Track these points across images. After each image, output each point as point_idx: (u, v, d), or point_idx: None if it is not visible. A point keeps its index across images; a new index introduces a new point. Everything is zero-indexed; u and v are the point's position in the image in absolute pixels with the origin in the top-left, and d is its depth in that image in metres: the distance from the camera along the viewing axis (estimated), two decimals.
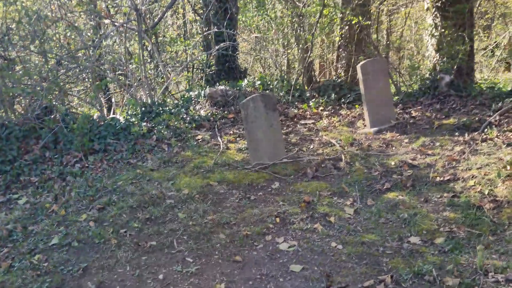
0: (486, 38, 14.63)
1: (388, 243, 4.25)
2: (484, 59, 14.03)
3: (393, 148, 6.46)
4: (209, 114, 8.14)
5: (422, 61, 11.22)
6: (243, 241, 4.50)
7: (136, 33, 8.93)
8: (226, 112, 8.23)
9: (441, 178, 5.28)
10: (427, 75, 8.49)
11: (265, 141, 6.19)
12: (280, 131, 6.35)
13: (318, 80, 10.72)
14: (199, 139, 7.47)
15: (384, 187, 5.30)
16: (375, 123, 7.17)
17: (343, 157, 6.18)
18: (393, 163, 5.88)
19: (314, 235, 4.53)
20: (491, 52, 13.73)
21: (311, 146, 6.80)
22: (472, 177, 5.14)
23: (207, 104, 8.41)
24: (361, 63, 7.17)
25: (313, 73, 14.41)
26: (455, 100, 7.84)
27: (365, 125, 7.45)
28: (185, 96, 8.73)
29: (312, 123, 7.91)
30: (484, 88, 8.28)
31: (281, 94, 8.80)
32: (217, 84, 9.12)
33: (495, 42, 13.73)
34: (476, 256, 3.86)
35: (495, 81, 9.95)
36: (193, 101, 8.61)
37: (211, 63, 9.73)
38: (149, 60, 9.96)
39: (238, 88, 8.77)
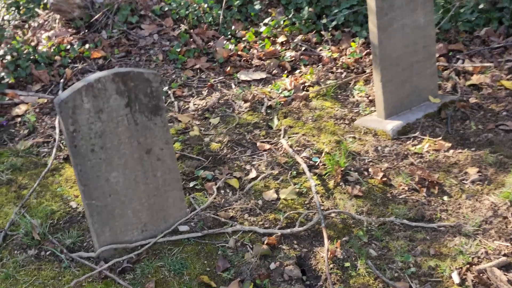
0: None
1: None
2: None
3: (445, 198, 2.75)
4: (55, 47, 3.99)
5: None
6: None
7: None
8: (90, 43, 4.08)
9: None
10: None
11: (132, 192, 2.37)
12: (173, 159, 2.48)
13: None
14: (14, 119, 3.51)
15: None
16: (397, 107, 3.32)
17: (325, 237, 2.45)
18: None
19: None
20: None
21: (251, 175, 2.95)
22: None
23: (54, 23, 4.17)
24: None
25: None
26: None
27: (373, 105, 3.57)
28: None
29: (262, 80, 3.93)
30: None
31: (205, 5, 4.53)
32: None
33: None
34: None
35: None
36: (31, 16, 4.32)
37: None
38: None
39: None
